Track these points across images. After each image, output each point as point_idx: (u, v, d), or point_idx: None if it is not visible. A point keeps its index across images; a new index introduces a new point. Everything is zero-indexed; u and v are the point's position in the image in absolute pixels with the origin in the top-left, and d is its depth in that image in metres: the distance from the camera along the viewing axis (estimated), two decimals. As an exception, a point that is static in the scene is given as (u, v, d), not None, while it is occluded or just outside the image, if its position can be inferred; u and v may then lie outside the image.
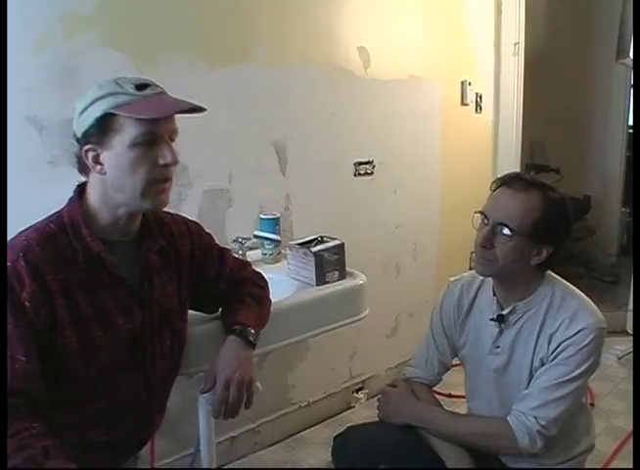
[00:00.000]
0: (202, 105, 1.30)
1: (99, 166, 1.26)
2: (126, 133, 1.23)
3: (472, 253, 1.59)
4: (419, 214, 3.13)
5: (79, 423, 1.31)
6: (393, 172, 2.95)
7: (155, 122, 1.24)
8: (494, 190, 1.57)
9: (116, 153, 1.24)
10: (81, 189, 1.33)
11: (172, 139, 1.30)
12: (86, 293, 1.27)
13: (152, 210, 1.35)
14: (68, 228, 1.28)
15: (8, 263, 1.20)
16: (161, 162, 1.26)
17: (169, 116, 1.27)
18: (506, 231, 1.48)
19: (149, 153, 1.25)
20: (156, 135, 1.25)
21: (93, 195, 1.31)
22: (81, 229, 1.28)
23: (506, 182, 1.55)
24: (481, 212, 1.54)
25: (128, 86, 1.24)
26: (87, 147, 1.25)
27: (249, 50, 2.32)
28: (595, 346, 1.49)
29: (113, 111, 1.22)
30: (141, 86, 1.25)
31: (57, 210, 1.32)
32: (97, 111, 1.22)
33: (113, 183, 1.27)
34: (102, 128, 1.23)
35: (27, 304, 1.19)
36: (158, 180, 1.28)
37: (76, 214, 1.29)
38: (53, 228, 1.28)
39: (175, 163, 1.28)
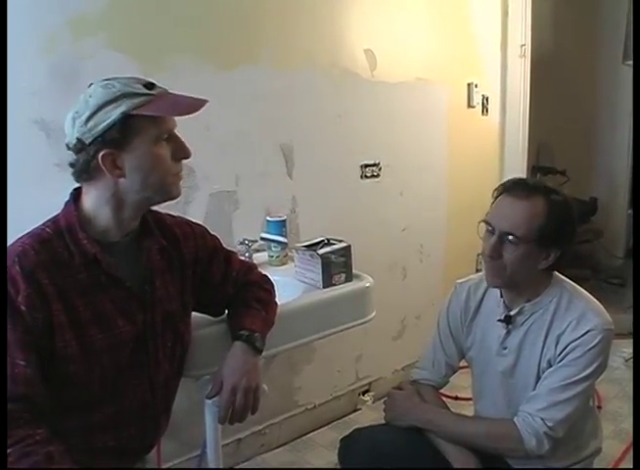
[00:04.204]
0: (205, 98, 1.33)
1: (118, 171, 1.25)
2: (147, 133, 1.25)
3: (479, 255, 1.59)
4: (425, 217, 3.13)
5: (86, 428, 1.31)
6: (400, 175, 2.95)
7: (171, 119, 1.29)
8: (497, 197, 1.56)
9: (139, 153, 1.25)
10: (77, 193, 1.33)
11: None
12: (84, 296, 1.27)
13: (170, 199, 1.36)
14: (65, 232, 1.27)
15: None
16: (182, 155, 1.32)
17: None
18: (513, 239, 1.48)
19: (169, 148, 1.30)
20: (172, 131, 1.30)
21: (93, 200, 1.30)
22: (77, 232, 1.27)
23: (508, 189, 1.54)
24: (486, 222, 1.54)
25: (136, 86, 1.25)
26: (105, 152, 1.23)
27: (255, 52, 2.32)
28: (603, 347, 1.49)
29: (135, 112, 1.22)
30: (148, 85, 1.27)
31: (54, 214, 1.32)
32: (114, 114, 1.21)
33: (134, 184, 1.27)
34: (123, 131, 1.22)
35: (24, 308, 1.18)
36: (177, 172, 1.33)
37: (73, 218, 1.29)
38: (49, 233, 1.27)
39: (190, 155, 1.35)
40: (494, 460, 1.60)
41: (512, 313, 1.59)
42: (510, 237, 1.48)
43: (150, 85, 1.27)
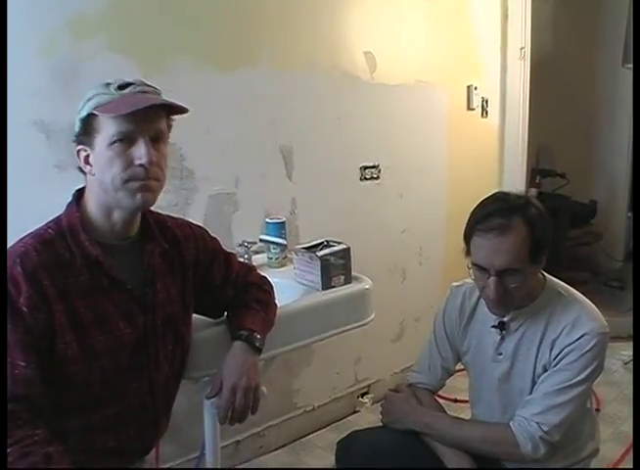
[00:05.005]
0: (184, 105, 1.31)
1: (89, 167, 1.28)
2: (105, 132, 1.24)
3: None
4: (425, 219, 3.13)
5: (86, 429, 1.31)
6: (400, 177, 2.96)
7: (131, 121, 1.23)
8: (472, 232, 1.50)
9: (98, 152, 1.26)
10: (80, 194, 1.34)
11: (159, 139, 1.29)
12: (85, 297, 1.27)
13: (133, 208, 1.31)
14: (67, 233, 1.28)
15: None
16: (137, 162, 1.25)
17: (147, 114, 1.25)
18: (512, 272, 1.46)
19: (125, 152, 1.24)
20: (133, 133, 1.24)
21: (90, 198, 1.32)
22: (79, 234, 1.28)
23: (484, 223, 1.47)
24: (477, 265, 1.50)
25: (112, 87, 1.26)
26: (78, 148, 1.29)
27: (255, 55, 2.32)
28: (598, 351, 1.48)
29: (93, 111, 1.24)
30: (124, 86, 1.27)
31: (56, 215, 1.33)
32: (83, 112, 1.26)
33: (98, 182, 1.28)
34: (87, 129, 1.26)
35: (25, 309, 1.19)
36: (134, 179, 1.26)
37: (74, 219, 1.30)
38: (51, 234, 1.28)
39: (151, 163, 1.25)
40: (489, 462, 1.59)
41: (506, 319, 1.58)
42: (508, 271, 1.46)
43: (125, 85, 1.27)
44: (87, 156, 1.28)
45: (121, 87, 1.26)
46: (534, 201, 1.54)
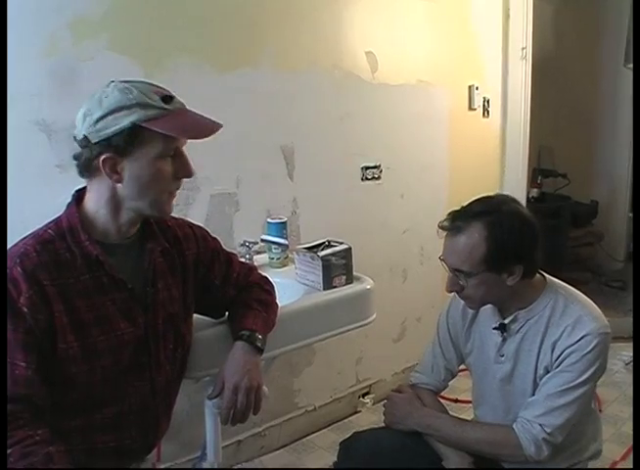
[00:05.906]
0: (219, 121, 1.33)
1: (116, 176, 1.25)
2: (152, 146, 1.24)
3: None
4: (426, 219, 3.11)
5: (88, 429, 1.31)
6: (401, 177, 2.95)
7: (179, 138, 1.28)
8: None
9: (140, 164, 1.24)
10: (79, 194, 1.33)
11: None
12: (86, 297, 1.27)
13: (166, 216, 1.38)
14: (67, 233, 1.28)
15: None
16: (181, 174, 1.31)
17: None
18: (463, 274, 1.50)
19: (171, 166, 1.29)
20: (178, 149, 1.30)
21: (94, 200, 1.30)
22: (79, 234, 1.28)
23: (444, 226, 1.55)
24: (440, 258, 1.57)
25: (153, 97, 1.24)
26: (106, 155, 1.23)
27: (256, 55, 2.32)
28: (599, 351, 1.47)
29: (145, 124, 1.21)
30: (166, 98, 1.25)
31: (56, 215, 1.32)
32: (124, 121, 1.21)
33: (129, 192, 1.27)
34: (128, 139, 1.22)
35: (25, 309, 1.19)
36: (173, 191, 1.33)
37: (74, 219, 1.29)
38: (51, 234, 1.28)
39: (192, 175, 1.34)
40: (491, 463, 1.59)
41: (506, 321, 1.58)
42: (459, 272, 1.51)
43: (168, 98, 1.26)
44: (114, 164, 1.24)
45: (165, 100, 1.25)
46: (513, 208, 1.53)
